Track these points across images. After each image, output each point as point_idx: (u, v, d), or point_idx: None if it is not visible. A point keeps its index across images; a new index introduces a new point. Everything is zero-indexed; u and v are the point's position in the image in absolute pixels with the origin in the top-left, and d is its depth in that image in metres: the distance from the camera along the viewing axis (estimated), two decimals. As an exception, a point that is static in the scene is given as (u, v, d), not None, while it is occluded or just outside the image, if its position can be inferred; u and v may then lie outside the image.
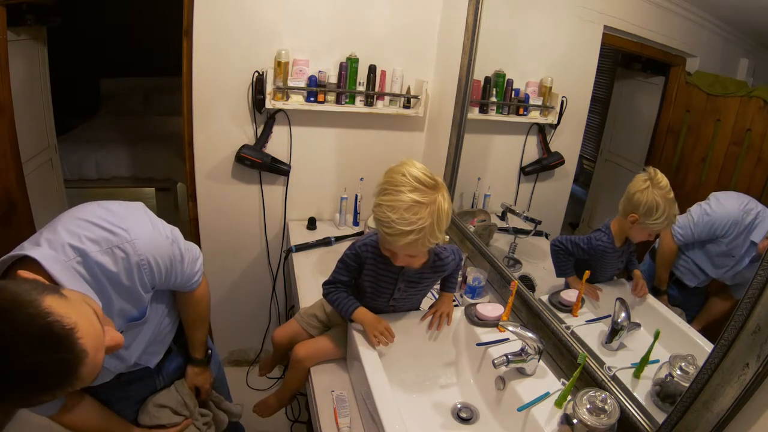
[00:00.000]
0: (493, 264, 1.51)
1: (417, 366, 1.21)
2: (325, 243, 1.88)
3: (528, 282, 1.42)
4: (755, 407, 0.70)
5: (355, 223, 2.04)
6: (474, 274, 1.46)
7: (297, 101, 1.81)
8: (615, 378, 1.00)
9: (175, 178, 3.63)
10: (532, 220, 1.53)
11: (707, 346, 0.88)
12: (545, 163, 1.57)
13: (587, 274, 1.17)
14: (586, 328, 1.15)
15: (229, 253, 2.08)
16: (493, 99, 1.70)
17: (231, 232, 2.04)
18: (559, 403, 1.00)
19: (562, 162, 1.53)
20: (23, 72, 2.16)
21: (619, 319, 1.06)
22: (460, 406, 1.15)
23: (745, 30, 0.96)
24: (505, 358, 1.03)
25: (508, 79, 1.67)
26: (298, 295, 1.57)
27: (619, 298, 1.07)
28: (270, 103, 1.75)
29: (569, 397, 0.97)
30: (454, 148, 1.79)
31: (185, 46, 1.72)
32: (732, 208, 0.97)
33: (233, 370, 2.26)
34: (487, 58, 1.64)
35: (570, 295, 1.24)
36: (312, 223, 2.02)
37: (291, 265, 1.80)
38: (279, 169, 1.91)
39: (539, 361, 1.08)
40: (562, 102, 1.51)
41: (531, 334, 1.04)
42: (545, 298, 1.29)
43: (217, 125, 1.83)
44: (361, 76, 1.83)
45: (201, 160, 1.88)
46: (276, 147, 1.92)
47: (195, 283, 1.06)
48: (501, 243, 1.64)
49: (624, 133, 1.32)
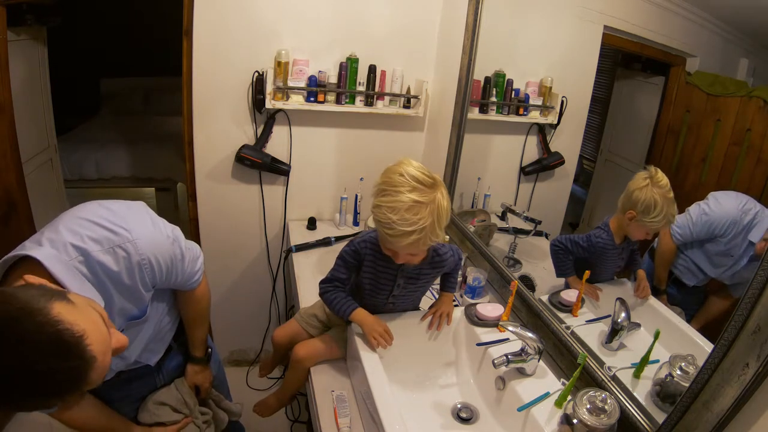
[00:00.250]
0: (493, 264, 1.51)
1: (417, 366, 1.21)
2: (325, 243, 1.88)
3: (528, 282, 1.42)
4: (755, 407, 0.70)
5: (355, 223, 2.04)
6: (474, 274, 1.46)
7: (297, 101, 1.81)
8: (615, 378, 1.00)
9: (175, 178, 3.63)
10: (532, 220, 1.53)
11: (707, 346, 0.88)
12: (545, 163, 1.57)
13: (587, 273, 1.17)
14: (586, 328, 1.15)
15: (229, 253, 2.08)
16: (493, 99, 1.70)
17: (231, 232, 2.04)
18: (559, 403, 1.00)
19: (562, 162, 1.53)
20: (23, 72, 2.16)
21: (619, 319, 1.06)
22: (460, 406, 1.15)
23: (745, 30, 0.96)
24: (505, 358, 1.03)
25: (508, 79, 1.67)
26: (298, 295, 1.57)
27: (619, 298, 1.07)
28: (270, 103, 1.75)
29: (569, 397, 0.97)
30: (454, 148, 1.79)
31: (185, 46, 1.72)
32: (730, 208, 0.97)
33: (233, 370, 2.26)
34: (487, 58, 1.64)
35: (570, 295, 1.24)
36: (312, 223, 2.02)
37: (291, 265, 1.80)
38: (279, 169, 1.91)
39: (539, 361, 1.08)
40: (562, 102, 1.50)
41: (531, 334, 1.04)
42: (545, 298, 1.29)
43: (217, 125, 1.83)
44: (361, 76, 1.83)
45: (201, 160, 1.88)
46: (276, 147, 1.92)
47: (195, 282, 1.06)
48: (501, 243, 1.64)
49: (624, 133, 1.31)
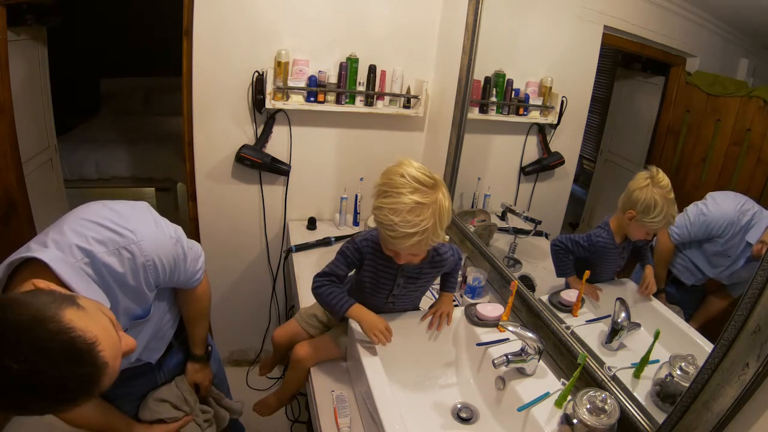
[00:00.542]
0: (493, 264, 1.51)
1: (417, 366, 1.21)
2: (325, 243, 1.88)
3: (528, 282, 1.42)
4: (755, 407, 0.70)
5: (355, 223, 2.04)
6: (474, 274, 1.46)
7: (297, 101, 1.81)
8: (615, 378, 1.00)
9: (175, 178, 3.63)
10: (532, 220, 1.53)
11: (707, 346, 0.88)
12: (545, 163, 1.57)
13: (587, 273, 1.17)
14: (586, 328, 1.15)
15: (229, 253, 2.08)
16: (493, 99, 1.70)
17: (231, 232, 2.04)
18: (559, 403, 1.00)
19: (562, 162, 1.53)
20: (23, 72, 2.16)
21: (619, 319, 1.06)
22: (460, 406, 1.15)
23: (745, 30, 0.96)
24: (505, 358, 1.03)
25: (508, 79, 1.67)
26: (298, 295, 1.57)
27: (619, 298, 1.07)
28: (270, 103, 1.75)
29: (569, 397, 0.97)
30: (454, 148, 1.79)
31: (185, 46, 1.72)
32: (728, 209, 0.97)
33: (233, 370, 2.26)
34: (487, 58, 1.64)
35: (570, 295, 1.24)
36: (312, 223, 2.02)
37: (291, 265, 1.80)
38: (279, 169, 1.91)
39: (539, 361, 1.08)
40: (562, 102, 1.50)
41: (531, 334, 1.04)
42: (545, 298, 1.29)
43: (217, 125, 1.83)
44: (361, 76, 1.83)
45: (201, 160, 1.88)
46: (276, 147, 1.92)
47: (197, 280, 1.07)
48: (501, 243, 1.64)
49: (624, 133, 1.31)
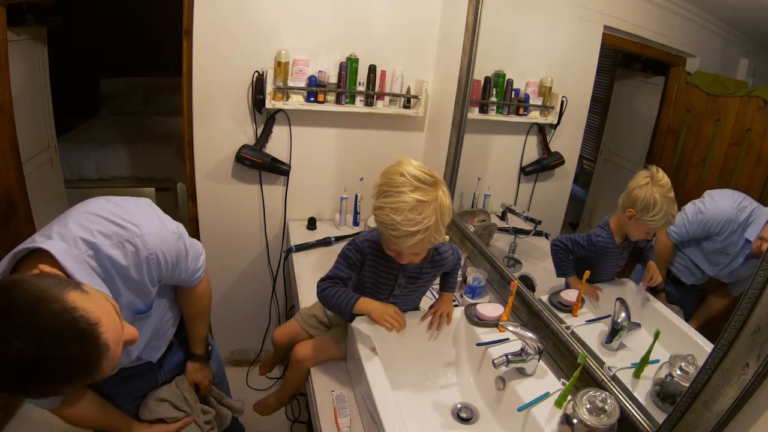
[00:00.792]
0: (493, 264, 1.51)
1: (417, 366, 1.21)
2: (325, 243, 1.88)
3: (528, 282, 1.42)
4: (755, 407, 0.70)
5: (355, 223, 2.04)
6: (474, 274, 1.46)
7: (297, 101, 1.81)
8: (615, 378, 1.00)
9: (175, 178, 3.63)
10: (532, 220, 1.53)
11: (707, 346, 0.88)
12: (545, 163, 1.57)
13: (587, 273, 1.17)
14: (586, 328, 1.15)
15: (229, 253, 2.08)
16: (493, 99, 1.70)
17: (231, 232, 2.04)
18: (559, 403, 1.00)
19: (562, 162, 1.53)
20: (23, 72, 2.16)
21: (619, 319, 1.06)
22: (460, 406, 1.15)
23: (745, 30, 0.96)
24: (505, 358, 1.03)
25: (508, 79, 1.67)
26: (298, 295, 1.57)
27: (619, 298, 1.07)
28: (270, 103, 1.75)
29: (569, 397, 0.97)
30: (454, 148, 1.79)
31: (185, 46, 1.72)
32: (726, 206, 0.97)
33: (233, 370, 2.26)
34: (487, 58, 1.64)
35: (570, 295, 1.24)
36: (312, 223, 2.02)
37: (291, 265, 1.80)
38: (279, 169, 1.91)
39: (539, 361, 1.08)
40: (562, 102, 1.50)
41: (531, 334, 1.04)
42: (545, 298, 1.29)
43: (217, 125, 1.83)
44: (361, 76, 1.83)
45: (201, 160, 1.88)
46: (276, 147, 1.92)
47: (197, 278, 1.08)
48: (501, 243, 1.64)
49: (624, 133, 1.31)
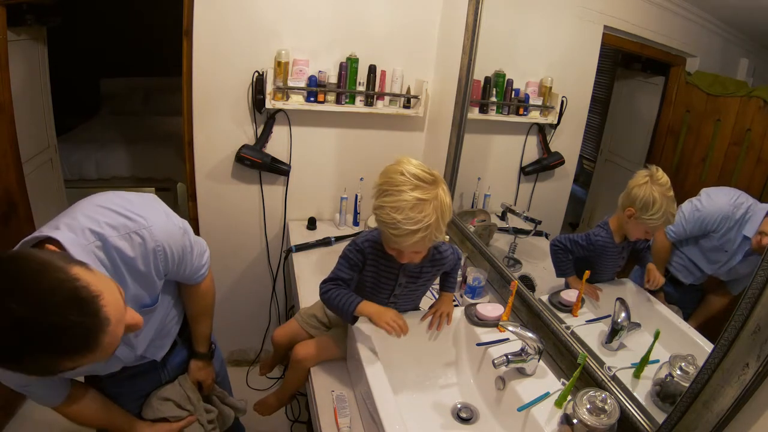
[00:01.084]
0: (493, 264, 1.51)
1: (417, 366, 1.21)
2: (325, 243, 1.88)
3: (528, 282, 1.42)
4: (755, 407, 0.70)
5: (355, 223, 2.04)
6: (474, 274, 1.46)
7: (297, 101, 1.81)
8: (615, 378, 1.00)
9: (175, 178, 3.63)
10: (532, 220, 1.53)
11: (707, 346, 0.88)
12: (545, 163, 1.57)
13: (587, 273, 1.17)
14: (586, 328, 1.15)
15: (229, 253, 2.08)
16: (493, 99, 1.70)
17: (231, 232, 2.04)
18: (559, 403, 1.00)
19: (562, 162, 1.53)
20: (23, 72, 2.16)
21: (619, 319, 1.06)
22: (460, 406, 1.15)
23: (745, 30, 0.96)
24: (505, 358, 1.03)
25: (508, 79, 1.67)
26: (298, 295, 1.57)
27: (619, 298, 1.07)
28: (270, 103, 1.75)
29: (569, 397, 0.97)
30: (454, 148, 1.79)
31: (185, 46, 1.72)
32: (722, 203, 0.98)
33: (233, 370, 2.24)
34: (487, 58, 1.64)
35: (570, 295, 1.24)
36: (312, 223, 2.02)
37: (291, 265, 1.80)
38: (279, 169, 1.91)
39: (539, 361, 1.08)
40: (562, 102, 1.50)
41: (531, 334, 1.04)
42: (545, 298, 1.29)
43: (217, 125, 1.83)
44: (361, 76, 1.83)
45: (201, 160, 1.88)
46: (276, 147, 1.92)
47: (202, 275, 1.09)
48: (501, 243, 1.64)
49: (624, 133, 1.31)
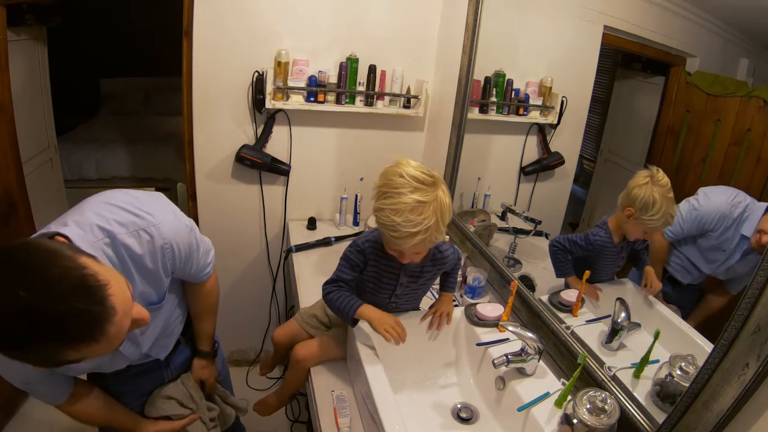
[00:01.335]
0: (493, 264, 1.51)
1: (417, 366, 1.21)
2: (325, 243, 1.88)
3: (528, 282, 1.42)
4: (755, 407, 0.70)
5: (355, 223, 2.04)
6: (474, 274, 1.46)
7: (297, 101, 1.81)
8: (615, 378, 1.00)
9: (175, 178, 3.63)
10: (532, 220, 1.53)
11: (707, 346, 0.88)
12: (545, 163, 1.57)
13: (587, 273, 1.17)
14: (586, 328, 1.15)
15: (229, 253, 2.08)
16: (493, 99, 1.70)
17: (231, 232, 2.04)
18: (559, 403, 1.00)
19: (562, 162, 1.53)
20: (23, 72, 2.16)
21: (619, 319, 1.06)
22: (460, 406, 1.15)
23: (745, 30, 0.96)
24: (505, 358, 1.03)
25: (508, 79, 1.67)
26: (298, 295, 1.57)
27: (619, 298, 1.07)
28: (270, 103, 1.75)
29: (569, 397, 0.97)
30: (454, 148, 1.79)
31: (185, 46, 1.72)
32: (719, 202, 0.98)
33: (233, 370, 2.22)
34: (487, 58, 1.64)
35: (570, 295, 1.24)
36: (312, 223, 2.02)
37: (291, 265, 1.80)
38: (279, 169, 1.91)
39: (539, 361, 1.08)
40: (562, 102, 1.50)
41: (531, 334, 1.04)
42: (545, 298, 1.29)
43: (217, 125, 1.83)
44: (361, 76, 1.83)
45: (201, 160, 1.88)
46: (276, 147, 1.92)
47: (207, 274, 1.10)
48: (501, 243, 1.64)
49: (624, 133, 1.31)
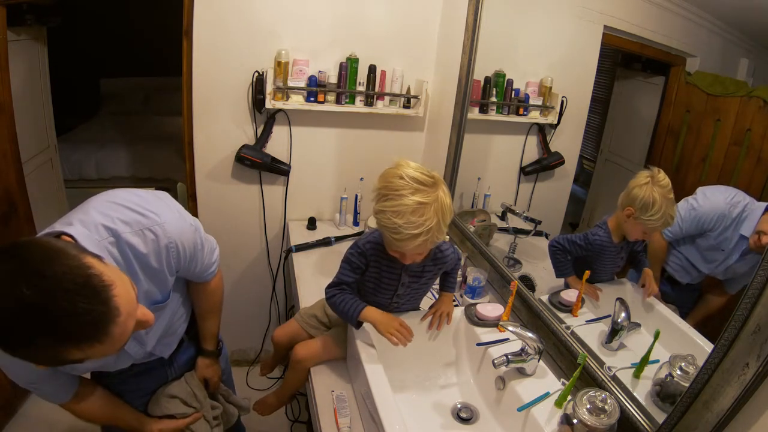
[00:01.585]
0: (493, 264, 1.51)
1: (417, 366, 1.21)
2: (325, 243, 1.88)
3: (528, 282, 1.42)
4: (755, 407, 0.70)
5: (355, 223, 2.04)
6: (474, 274, 1.46)
7: (297, 101, 1.81)
8: (615, 378, 1.00)
9: (175, 178, 3.62)
10: (532, 220, 1.53)
11: (707, 346, 0.88)
12: (545, 163, 1.57)
13: (587, 273, 1.17)
14: (586, 328, 1.15)
15: (229, 253, 2.07)
16: (493, 99, 1.70)
17: (231, 232, 2.04)
18: (559, 403, 1.00)
19: (562, 162, 1.53)
20: (23, 72, 2.16)
21: (619, 319, 1.06)
22: (460, 406, 1.15)
23: (745, 30, 0.96)
24: (505, 358, 1.03)
25: (508, 79, 1.67)
26: (298, 295, 1.57)
27: (619, 298, 1.07)
28: (270, 103, 1.75)
29: (569, 397, 0.97)
30: (454, 148, 1.79)
31: (185, 46, 1.72)
32: (718, 202, 0.98)
33: (234, 370, 2.22)
34: (487, 58, 1.64)
35: (570, 295, 1.24)
36: (312, 223, 2.02)
37: (291, 265, 1.80)
38: (279, 169, 1.91)
39: (539, 361, 1.08)
40: (562, 102, 1.50)
41: (531, 334, 1.04)
42: (545, 298, 1.29)
43: (217, 125, 1.83)
44: (361, 76, 1.83)
45: (201, 160, 1.88)
46: (276, 147, 1.92)
47: (211, 273, 1.10)
48: (501, 243, 1.64)
49: (624, 133, 1.31)
